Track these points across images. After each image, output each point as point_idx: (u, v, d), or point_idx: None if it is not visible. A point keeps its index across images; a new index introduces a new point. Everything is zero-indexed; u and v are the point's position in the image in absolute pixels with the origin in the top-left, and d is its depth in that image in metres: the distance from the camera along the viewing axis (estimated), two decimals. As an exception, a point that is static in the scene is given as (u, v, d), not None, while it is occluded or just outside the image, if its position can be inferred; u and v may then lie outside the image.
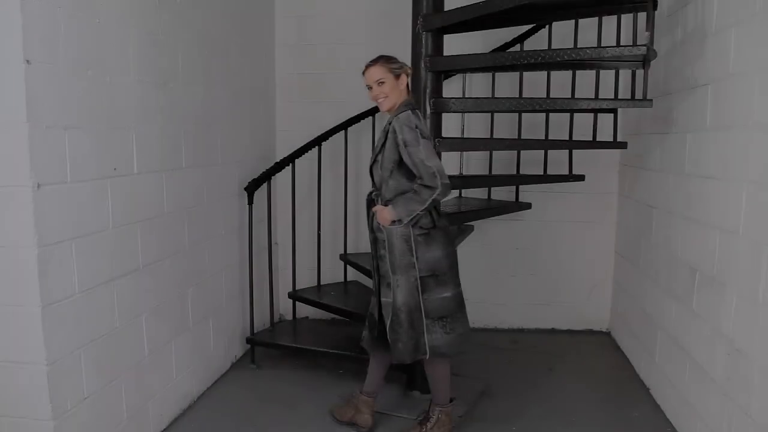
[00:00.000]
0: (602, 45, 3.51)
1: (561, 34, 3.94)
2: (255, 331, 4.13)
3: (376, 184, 3.02)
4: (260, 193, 4.08)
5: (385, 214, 2.90)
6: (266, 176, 4.04)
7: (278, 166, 4.09)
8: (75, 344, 2.52)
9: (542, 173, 4.05)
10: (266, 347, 4.09)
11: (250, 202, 3.96)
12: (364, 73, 2.96)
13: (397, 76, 2.92)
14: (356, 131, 4.43)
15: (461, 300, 3.07)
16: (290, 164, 4.13)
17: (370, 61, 2.95)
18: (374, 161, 3.00)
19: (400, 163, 2.86)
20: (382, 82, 2.90)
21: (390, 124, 2.89)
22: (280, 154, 4.60)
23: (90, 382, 2.62)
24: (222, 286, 3.88)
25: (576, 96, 3.73)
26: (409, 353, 2.96)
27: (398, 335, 2.94)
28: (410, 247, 2.90)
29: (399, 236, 2.90)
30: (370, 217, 3.04)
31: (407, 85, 2.98)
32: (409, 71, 3.01)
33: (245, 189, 3.97)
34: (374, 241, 3.03)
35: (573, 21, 3.65)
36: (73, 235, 2.49)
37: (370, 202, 3.07)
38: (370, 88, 2.94)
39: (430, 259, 2.93)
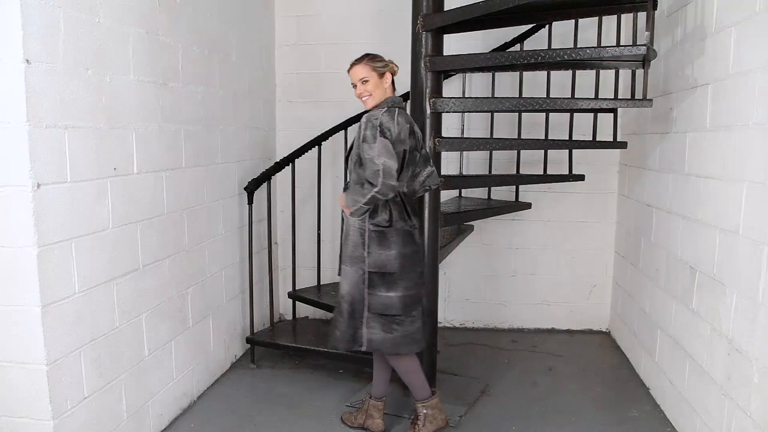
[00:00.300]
0: (602, 45, 3.51)
1: (561, 33, 3.94)
2: (255, 331, 4.13)
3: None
4: (260, 193, 4.08)
5: (341, 200, 3.02)
6: (266, 176, 4.04)
7: (278, 166, 4.09)
8: (75, 344, 2.52)
9: (542, 173, 4.05)
10: (266, 347, 4.09)
11: (250, 202, 3.96)
12: (349, 71, 2.98)
13: (381, 75, 2.95)
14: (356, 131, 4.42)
15: (412, 303, 2.99)
16: (290, 164, 4.13)
17: (355, 60, 2.98)
18: (348, 155, 3.08)
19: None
20: (366, 81, 2.92)
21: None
22: (280, 154, 4.61)
23: (90, 382, 2.62)
24: (222, 286, 3.89)
25: (576, 96, 3.73)
26: (345, 342, 3.00)
27: (337, 323, 3.01)
28: (363, 241, 2.93)
29: (355, 228, 2.95)
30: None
31: (392, 83, 3.00)
32: (395, 69, 3.02)
33: (245, 189, 3.97)
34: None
35: (573, 21, 3.65)
36: (73, 234, 2.49)
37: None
38: (355, 86, 2.97)
39: (380, 257, 2.92)
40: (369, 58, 2.96)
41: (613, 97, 3.65)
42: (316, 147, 4.19)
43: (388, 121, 2.85)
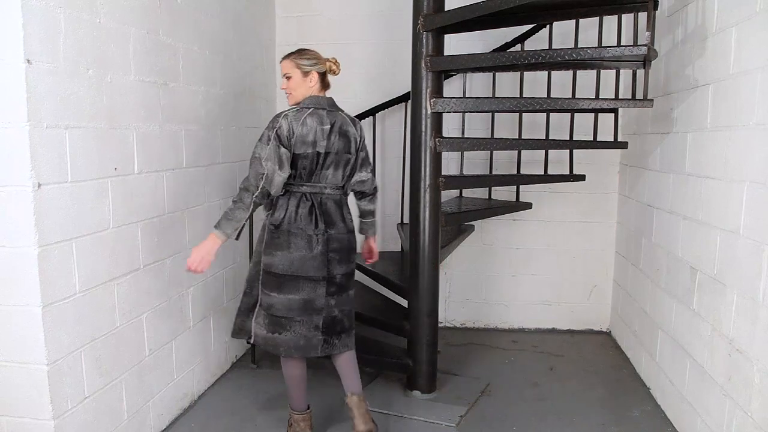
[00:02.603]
0: (603, 45, 3.51)
1: (561, 33, 3.95)
2: (255, 331, 4.13)
3: None
4: (261, 193, 4.07)
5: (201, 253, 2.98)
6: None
7: (278, 166, 4.08)
8: (76, 344, 2.53)
9: (543, 173, 4.05)
10: (266, 347, 4.09)
11: (251, 202, 3.96)
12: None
13: (306, 73, 2.91)
14: (357, 131, 4.42)
15: (298, 308, 2.86)
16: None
17: (286, 54, 2.97)
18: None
19: None
20: (289, 77, 2.92)
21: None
22: (281, 154, 4.60)
23: (90, 382, 2.62)
24: (223, 286, 3.88)
25: (576, 96, 3.74)
26: (235, 331, 3.04)
27: (238, 310, 3.06)
28: (262, 236, 2.97)
29: (264, 223, 3.00)
30: None
31: (322, 81, 2.96)
32: (333, 69, 2.97)
33: (246, 189, 3.96)
34: None
35: (573, 21, 3.65)
36: (74, 234, 2.49)
37: None
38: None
39: (266, 256, 2.90)
40: (297, 54, 2.93)
41: (613, 97, 3.65)
42: (317, 147, 4.18)
43: (292, 121, 2.80)
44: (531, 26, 4.03)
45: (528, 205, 4.32)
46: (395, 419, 3.37)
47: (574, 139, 3.88)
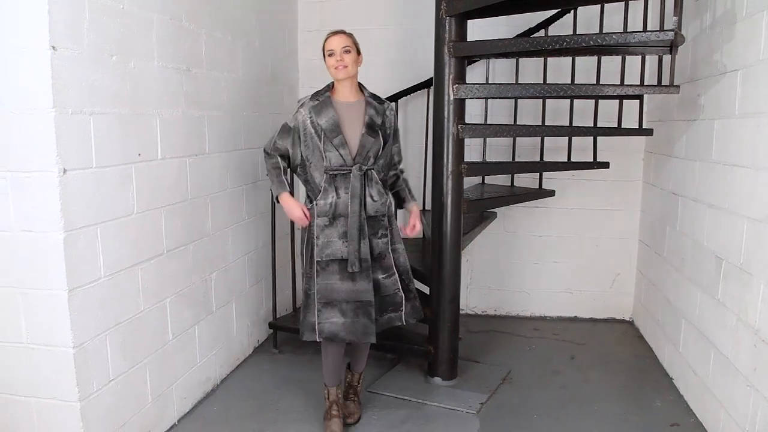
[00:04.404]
0: (629, 30, 3.46)
1: (586, 18, 3.90)
2: (277, 316, 4.16)
3: (369, 159, 2.93)
4: (283, 179, 4.08)
5: (420, 216, 3.21)
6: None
7: (300, 152, 4.09)
8: (101, 328, 2.56)
9: (566, 160, 4.02)
10: (288, 332, 4.10)
11: (273, 188, 3.97)
12: (326, 40, 2.92)
13: (359, 53, 2.96)
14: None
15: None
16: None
17: (336, 30, 2.95)
18: (375, 138, 2.93)
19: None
20: (348, 51, 2.89)
21: (381, 105, 3.02)
22: (303, 140, 4.61)
23: (115, 365, 2.66)
24: (245, 271, 3.91)
25: (601, 82, 3.69)
26: (421, 310, 3.13)
27: (414, 294, 3.10)
28: (395, 218, 3.10)
29: (393, 207, 3.07)
30: (363, 191, 2.92)
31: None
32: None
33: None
34: (370, 220, 2.95)
35: (599, 5, 3.60)
36: (99, 219, 2.52)
37: (363, 178, 2.92)
38: (330, 55, 2.89)
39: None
40: (349, 34, 2.96)
41: (639, 83, 3.59)
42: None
43: None
44: (555, 11, 3.98)
45: (551, 193, 4.29)
46: (416, 405, 3.38)
47: (598, 126, 3.83)
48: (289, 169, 3.11)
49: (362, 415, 3.26)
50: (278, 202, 3.09)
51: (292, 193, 3.13)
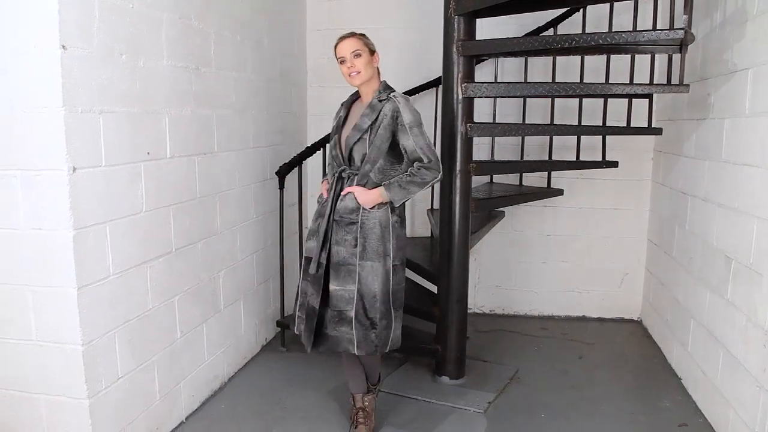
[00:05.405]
0: (638, 29, 3.44)
1: (596, 17, 3.88)
2: (285, 314, 4.17)
3: (354, 162, 2.82)
4: (291, 178, 4.09)
5: (371, 195, 2.76)
6: (297, 160, 4.04)
7: (309, 151, 4.09)
8: (109, 325, 2.58)
9: (575, 159, 4.00)
10: (296, 330, 4.12)
11: (281, 187, 3.98)
12: (336, 46, 2.80)
13: (372, 52, 2.82)
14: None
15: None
16: (321, 149, 4.13)
17: (344, 35, 2.82)
18: (359, 139, 2.77)
19: (393, 145, 2.78)
20: (359, 55, 2.75)
21: (381, 102, 2.78)
22: (311, 139, 4.63)
23: (124, 363, 2.67)
24: (253, 270, 3.92)
25: (610, 81, 3.67)
26: (383, 343, 2.82)
27: (373, 324, 2.78)
28: (387, 233, 2.80)
29: (377, 221, 2.78)
30: (334, 197, 2.83)
31: (378, 68, 2.88)
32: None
33: (276, 173, 3.98)
34: (335, 223, 2.81)
35: (608, 4, 3.59)
36: (108, 218, 2.53)
37: (339, 180, 2.84)
38: (342, 62, 2.79)
39: (401, 247, 2.87)
40: (360, 35, 2.82)
41: (648, 82, 3.58)
42: (347, 132, 4.19)
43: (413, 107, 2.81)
44: (564, 10, 3.98)
45: (559, 192, 4.28)
46: (423, 404, 3.38)
47: (607, 125, 3.82)
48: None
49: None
50: None
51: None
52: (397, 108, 2.75)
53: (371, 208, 2.77)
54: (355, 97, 2.97)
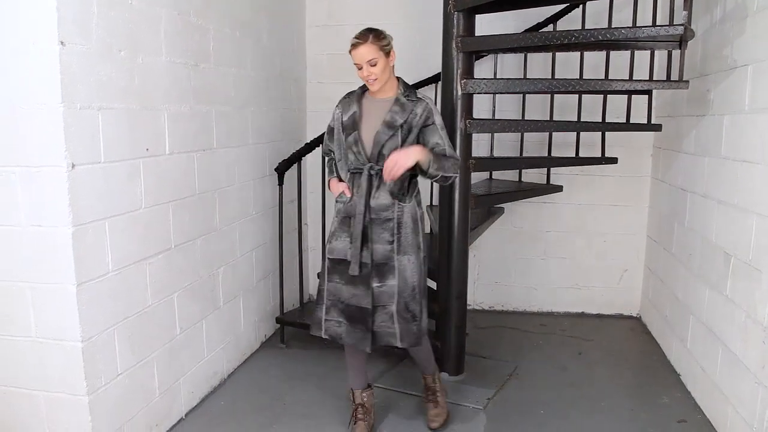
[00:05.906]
0: (638, 25, 3.44)
1: (595, 13, 3.87)
2: (285, 311, 4.17)
3: (383, 159, 2.71)
4: (290, 174, 4.09)
5: (412, 151, 2.64)
6: (296, 157, 4.04)
7: (308, 147, 4.10)
8: (109, 322, 2.57)
9: (574, 155, 4.00)
10: (296, 327, 4.12)
11: (281, 183, 3.98)
12: (351, 51, 2.71)
13: (388, 54, 2.73)
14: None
15: None
16: (320, 145, 4.12)
17: (359, 37, 2.70)
18: (392, 136, 2.73)
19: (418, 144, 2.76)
20: (375, 63, 2.69)
21: (411, 102, 2.76)
22: (311, 135, 4.63)
23: (123, 359, 2.67)
24: (252, 266, 3.92)
25: (610, 77, 3.67)
26: (423, 334, 2.90)
27: (414, 317, 2.83)
28: (418, 226, 2.85)
29: (410, 215, 2.81)
30: (368, 193, 2.77)
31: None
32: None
33: (275, 170, 3.98)
34: (371, 222, 2.78)
35: (608, 0, 3.58)
36: (107, 214, 2.53)
37: (369, 178, 2.78)
38: (358, 68, 2.74)
39: (426, 239, 2.94)
40: (375, 36, 2.69)
41: (648, 78, 3.58)
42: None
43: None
44: (564, 5, 3.97)
45: (559, 188, 4.28)
46: (423, 400, 3.38)
47: (606, 121, 3.81)
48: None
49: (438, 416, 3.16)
50: (330, 189, 3.01)
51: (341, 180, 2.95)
52: (431, 110, 2.78)
53: (404, 208, 2.80)
54: (361, 90, 2.93)
